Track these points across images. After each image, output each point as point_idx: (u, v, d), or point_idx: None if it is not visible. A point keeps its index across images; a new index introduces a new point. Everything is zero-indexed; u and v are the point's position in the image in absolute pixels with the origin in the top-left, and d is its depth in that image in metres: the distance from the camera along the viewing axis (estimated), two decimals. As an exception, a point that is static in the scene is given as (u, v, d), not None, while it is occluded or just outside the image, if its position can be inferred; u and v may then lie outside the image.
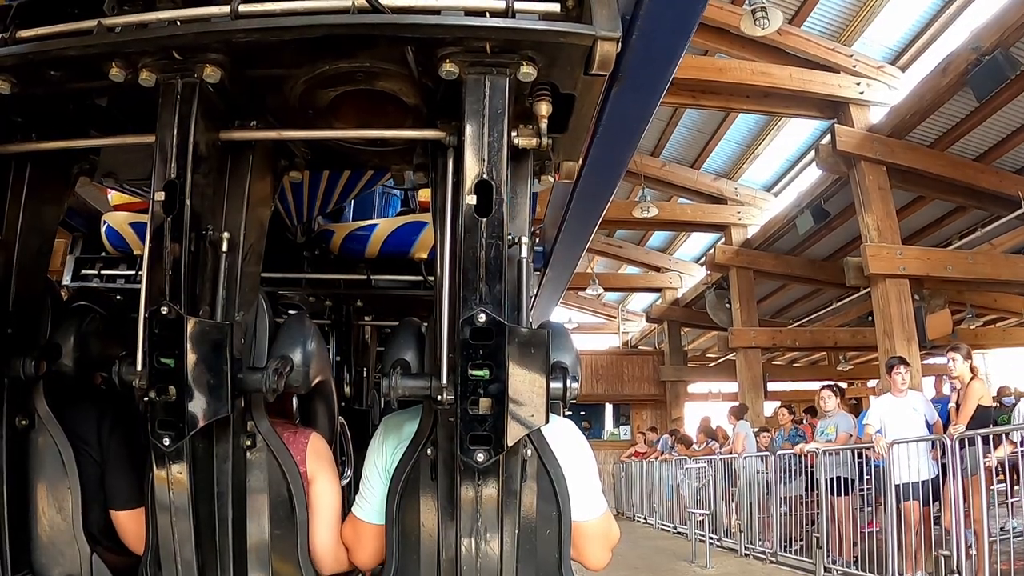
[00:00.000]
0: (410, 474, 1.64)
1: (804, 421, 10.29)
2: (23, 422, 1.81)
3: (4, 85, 1.55)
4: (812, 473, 8.42)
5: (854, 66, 9.46)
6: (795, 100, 9.91)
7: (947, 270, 9.22)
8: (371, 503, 1.75)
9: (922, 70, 8.85)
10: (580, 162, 1.98)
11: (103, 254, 3.07)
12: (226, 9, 1.44)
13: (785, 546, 8.77)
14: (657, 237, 17.51)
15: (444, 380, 1.48)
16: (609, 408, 19.84)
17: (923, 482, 6.54)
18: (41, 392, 1.83)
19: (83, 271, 3.12)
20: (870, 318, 13.70)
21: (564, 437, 1.72)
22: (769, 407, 13.37)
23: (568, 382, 1.55)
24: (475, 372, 1.39)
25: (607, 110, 1.74)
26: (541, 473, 1.64)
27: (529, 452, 1.62)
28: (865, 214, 9.07)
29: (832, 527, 7.77)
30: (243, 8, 1.43)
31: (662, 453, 14.25)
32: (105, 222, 2.93)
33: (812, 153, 11.40)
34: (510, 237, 1.50)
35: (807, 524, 8.65)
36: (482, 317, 1.38)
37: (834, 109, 9.78)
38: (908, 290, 8.84)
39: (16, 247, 1.79)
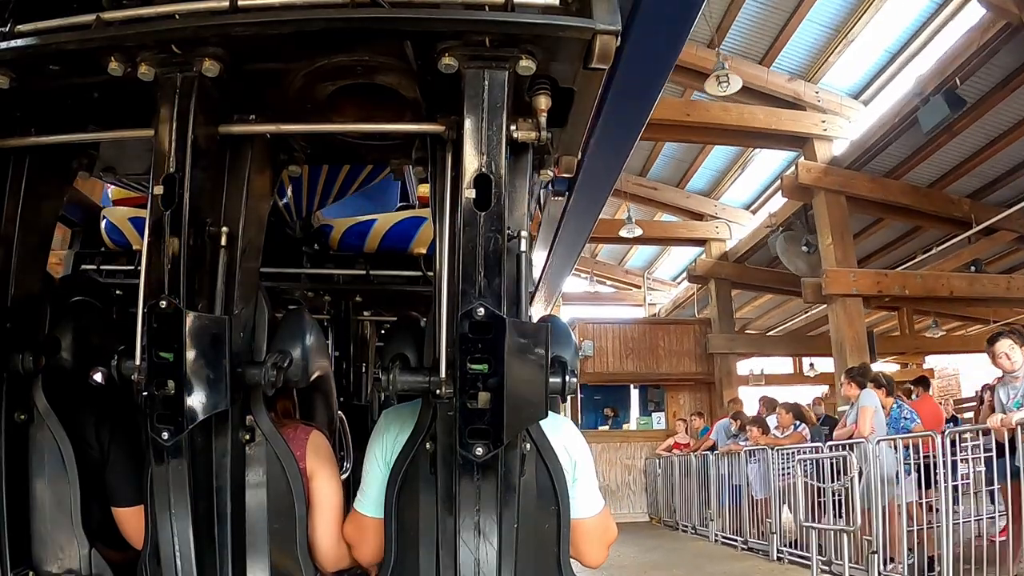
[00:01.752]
0: (409, 468, 1.64)
1: (913, 395, 7.55)
2: (22, 417, 1.81)
3: (3, 79, 1.55)
4: (925, 468, 6.09)
5: None
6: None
7: None
8: (372, 497, 1.74)
9: None
10: (579, 156, 1.98)
11: (102, 249, 3.07)
12: (225, 3, 1.43)
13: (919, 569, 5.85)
14: (701, 176, 13.68)
15: (443, 374, 1.48)
16: (635, 393, 16.00)
17: None
18: (40, 387, 1.83)
19: (82, 266, 3.12)
20: (973, 269, 11.19)
21: (561, 435, 1.72)
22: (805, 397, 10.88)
23: (567, 377, 1.55)
24: (474, 366, 1.39)
25: (606, 104, 1.74)
26: (540, 468, 1.64)
27: (528, 447, 1.62)
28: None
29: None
30: (242, 2, 1.43)
31: (714, 444, 10.99)
32: (104, 217, 2.93)
33: (910, 51, 9.20)
34: (509, 231, 1.50)
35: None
36: (481, 311, 1.38)
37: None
38: None
39: (15, 241, 1.79)
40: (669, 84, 2.12)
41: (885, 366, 16.30)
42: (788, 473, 8.04)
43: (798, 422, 9.15)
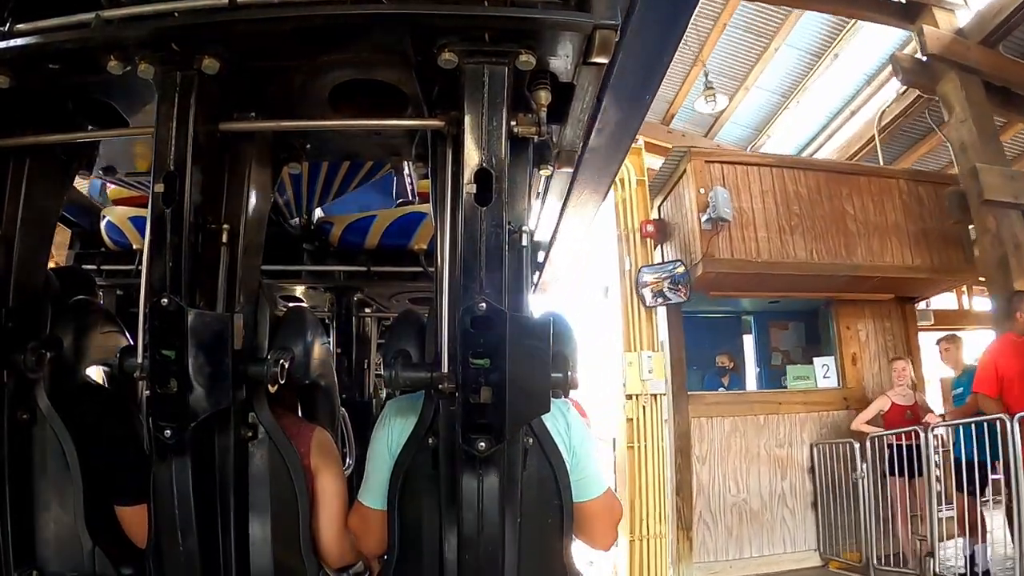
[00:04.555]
0: (412, 463, 1.64)
1: None
2: (24, 416, 1.82)
3: (2, 79, 1.55)
4: None
5: None
6: None
7: None
8: (376, 488, 1.73)
9: None
10: (579, 151, 1.98)
11: (102, 249, 3.07)
12: (224, 0, 1.43)
13: None
14: None
15: (445, 369, 1.48)
16: (749, 338, 8.75)
17: None
18: (42, 386, 1.83)
19: (82, 267, 3.13)
20: None
21: (560, 419, 1.72)
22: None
23: (569, 372, 1.55)
24: (476, 361, 1.38)
25: (605, 98, 1.73)
26: (542, 461, 1.64)
27: (530, 441, 1.62)
28: None
29: None
30: (241, -1, 1.43)
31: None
32: (105, 217, 2.93)
33: None
34: (510, 225, 1.50)
35: None
36: (483, 306, 1.38)
37: None
38: None
39: (15, 241, 1.79)
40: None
41: None
42: None
43: None
